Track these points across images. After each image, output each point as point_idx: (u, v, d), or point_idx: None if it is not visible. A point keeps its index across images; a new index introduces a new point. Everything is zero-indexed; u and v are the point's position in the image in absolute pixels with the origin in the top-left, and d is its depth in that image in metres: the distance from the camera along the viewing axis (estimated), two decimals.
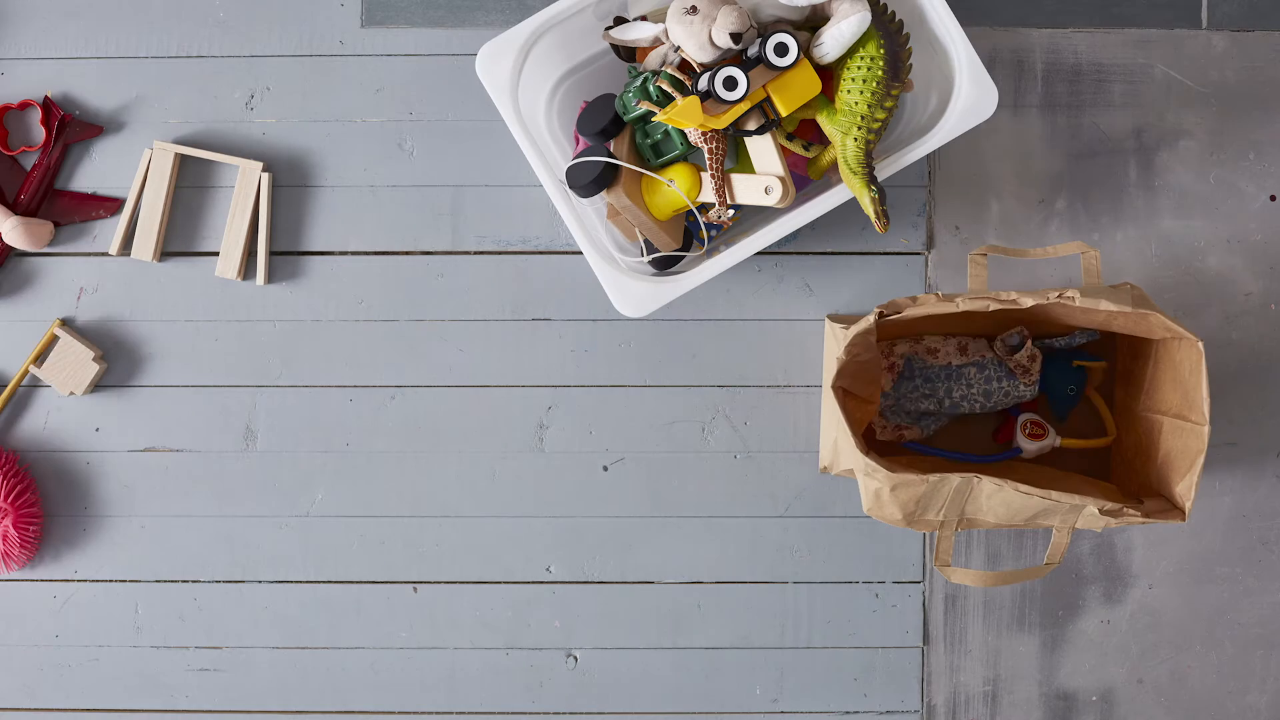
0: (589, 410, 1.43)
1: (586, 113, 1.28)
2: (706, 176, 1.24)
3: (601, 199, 1.28)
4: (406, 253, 1.42)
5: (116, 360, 1.42)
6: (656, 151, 1.27)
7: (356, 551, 1.44)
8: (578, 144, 1.33)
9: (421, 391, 1.42)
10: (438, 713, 1.45)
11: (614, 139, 1.26)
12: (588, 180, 1.21)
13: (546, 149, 1.30)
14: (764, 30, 1.22)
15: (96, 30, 1.41)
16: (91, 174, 1.42)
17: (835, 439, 1.29)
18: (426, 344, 1.43)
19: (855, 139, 1.22)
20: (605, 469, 1.43)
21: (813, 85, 1.21)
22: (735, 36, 1.17)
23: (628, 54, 1.29)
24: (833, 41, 1.20)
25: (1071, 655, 1.45)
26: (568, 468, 1.43)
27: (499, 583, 1.44)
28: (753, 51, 1.19)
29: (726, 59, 1.21)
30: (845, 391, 1.23)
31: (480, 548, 1.44)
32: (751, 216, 1.36)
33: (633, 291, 1.22)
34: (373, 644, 1.45)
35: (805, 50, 1.22)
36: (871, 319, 1.18)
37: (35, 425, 1.43)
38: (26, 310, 1.42)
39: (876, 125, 1.22)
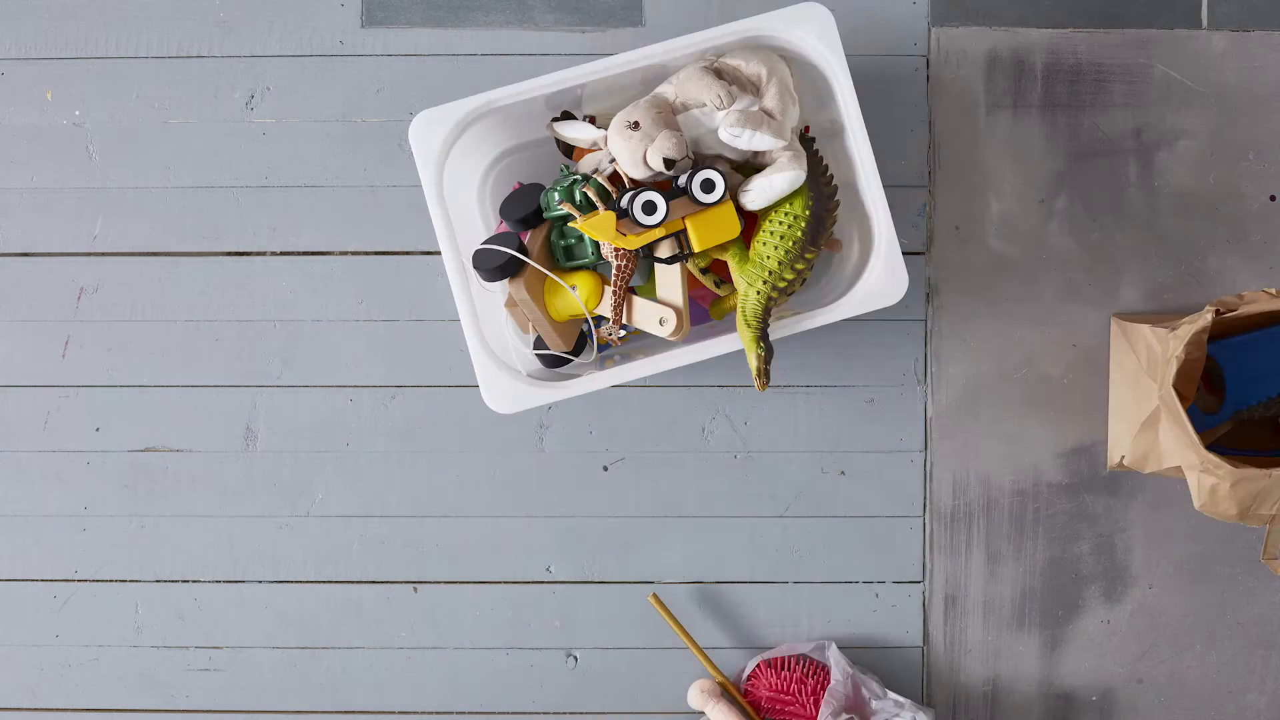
0: (589, 410, 1.43)
1: (513, 197, 1.27)
2: (609, 291, 1.23)
3: (503, 286, 1.27)
4: (406, 253, 1.42)
5: (117, 360, 1.42)
6: (569, 254, 1.25)
7: (356, 551, 1.44)
8: (499, 225, 1.32)
9: (421, 391, 1.42)
10: (438, 713, 1.45)
11: (532, 229, 1.25)
12: (492, 266, 1.20)
13: (471, 218, 1.28)
14: (700, 161, 1.21)
15: (96, 30, 1.41)
16: None
17: (1154, 436, 1.29)
18: (426, 344, 1.42)
19: (758, 292, 1.20)
20: (605, 469, 1.43)
21: (731, 228, 1.19)
22: (669, 162, 1.16)
23: (566, 149, 1.27)
24: (761, 191, 1.19)
25: (1071, 655, 1.45)
26: (568, 468, 1.43)
27: (499, 583, 1.44)
28: (681, 181, 1.18)
29: (656, 181, 1.21)
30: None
31: (480, 548, 1.44)
32: (650, 337, 1.33)
33: (504, 387, 1.20)
34: (373, 644, 1.45)
35: (733, 191, 1.21)
36: (1209, 316, 1.17)
37: (35, 425, 1.43)
38: (26, 310, 1.42)
39: (783, 285, 1.20)
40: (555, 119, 1.25)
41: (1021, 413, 1.42)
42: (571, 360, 1.27)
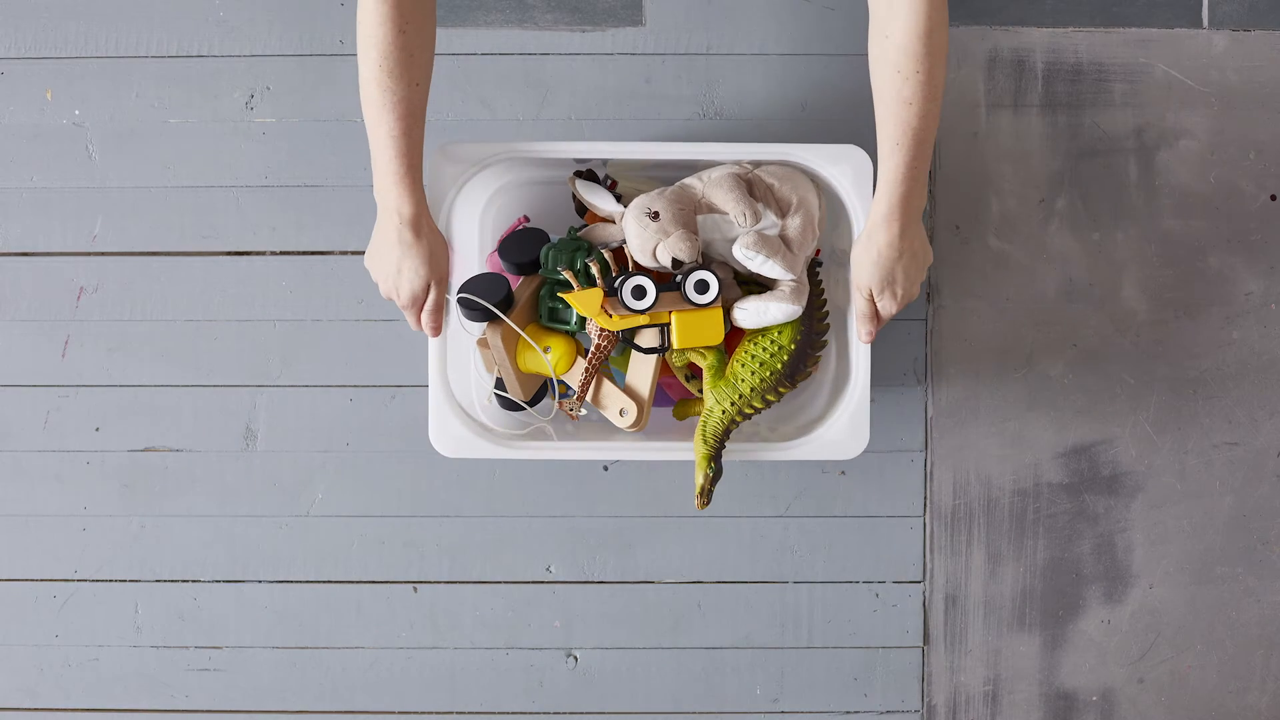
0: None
1: (515, 239, 1.25)
2: (581, 364, 1.23)
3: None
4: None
5: (117, 360, 1.42)
6: (553, 315, 1.24)
7: (356, 551, 1.44)
8: (492, 253, 1.31)
9: (421, 391, 1.42)
10: (438, 713, 1.45)
11: (525, 277, 1.24)
12: (476, 308, 1.19)
13: (468, 240, 1.28)
14: (705, 262, 1.21)
15: (96, 30, 1.41)
16: None
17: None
18: (426, 344, 1.42)
19: (724, 412, 1.20)
20: (605, 469, 1.43)
21: (716, 334, 1.19)
22: (676, 263, 1.16)
23: (580, 207, 1.26)
24: (755, 313, 1.19)
25: (1071, 655, 1.45)
26: (568, 468, 1.43)
27: (499, 583, 1.44)
28: (678, 276, 1.18)
29: (656, 270, 1.20)
30: None
31: (480, 548, 1.44)
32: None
33: (452, 431, 1.21)
34: (373, 644, 1.45)
35: (728, 302, 1.21)
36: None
37: (35, 425, 1.43)
38: (26, 310, 1.42)
39: (750, 411, 1.21)
40: (578, 173, 1.24)
41: (1021, 413, 1.42)
42: (526, 409, 1.27)
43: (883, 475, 1.43)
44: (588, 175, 1.25)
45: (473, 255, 1.30)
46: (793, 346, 1.20)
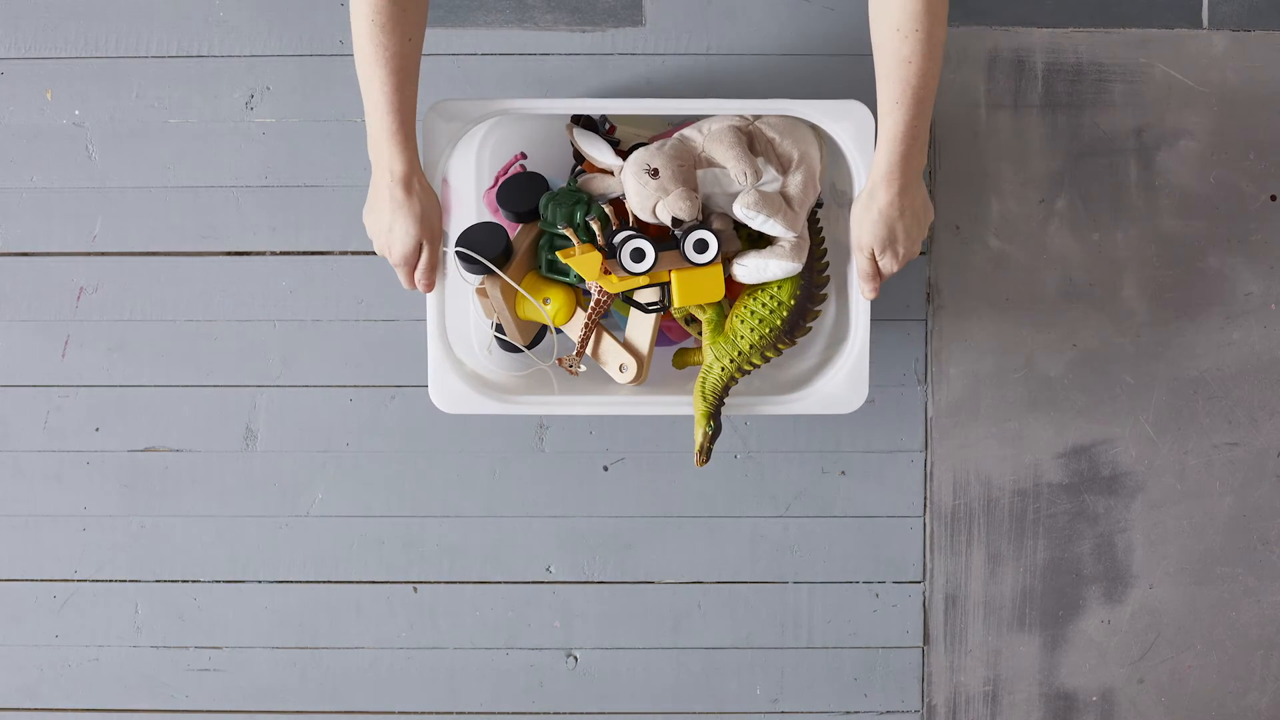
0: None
1: (513, 186, 1.24)
2: (581, 316, 1.23)
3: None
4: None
5: (117, 360, 1.42)
6: (552, 266, 1.24)
7: (356, 551, 1.44)
8: (491, 189, 1.30)
9: (421, 391, 1.42)
10: (438, 713, 1.45)
11: (524, 225, 1.24)
12: (474, 261, 1.19)
13: (464, 177, 1.27)
14: (705, 219, 1.19)
15: (96, 30, 1.41)
16: None
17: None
18: (426, 344, 1.42)
19: (723, 369, 1.20)
20: (605, 469, 1.43)
21: (716, 290, 1.19)
22: (676, 221, 1.16)
23: (578, 155, 1.26)
24: (754, 269, 1.19)
25: (1071, 655, 1.45)
26: (568, 468, 1.43)
27: (499, 583, 1.44)
28: (677, 233, 1.18)
29: (655, 226, 1.20)
30: None
31: (480, 548, 1.44)
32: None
33: (452, 387, 1.21)
34: (373, 644, 1.45)
35: (727, 255, 1.20)
36: None
37: (35, 425, 1.43)
38: (26, 310, 1.42)
39: (749, 368, 1.20)
40: (576, 120, 1.24)
41: (1021, 413, 1.42)
42: (524, 352, 1.27)
43: (883, 475, 1.43)
44: (586, 123, 1.24)
45: (470, 193, 1.29)
46: (792, 302, 1.20)
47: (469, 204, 1.31)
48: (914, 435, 1.43)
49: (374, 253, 1.42)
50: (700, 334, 1.24)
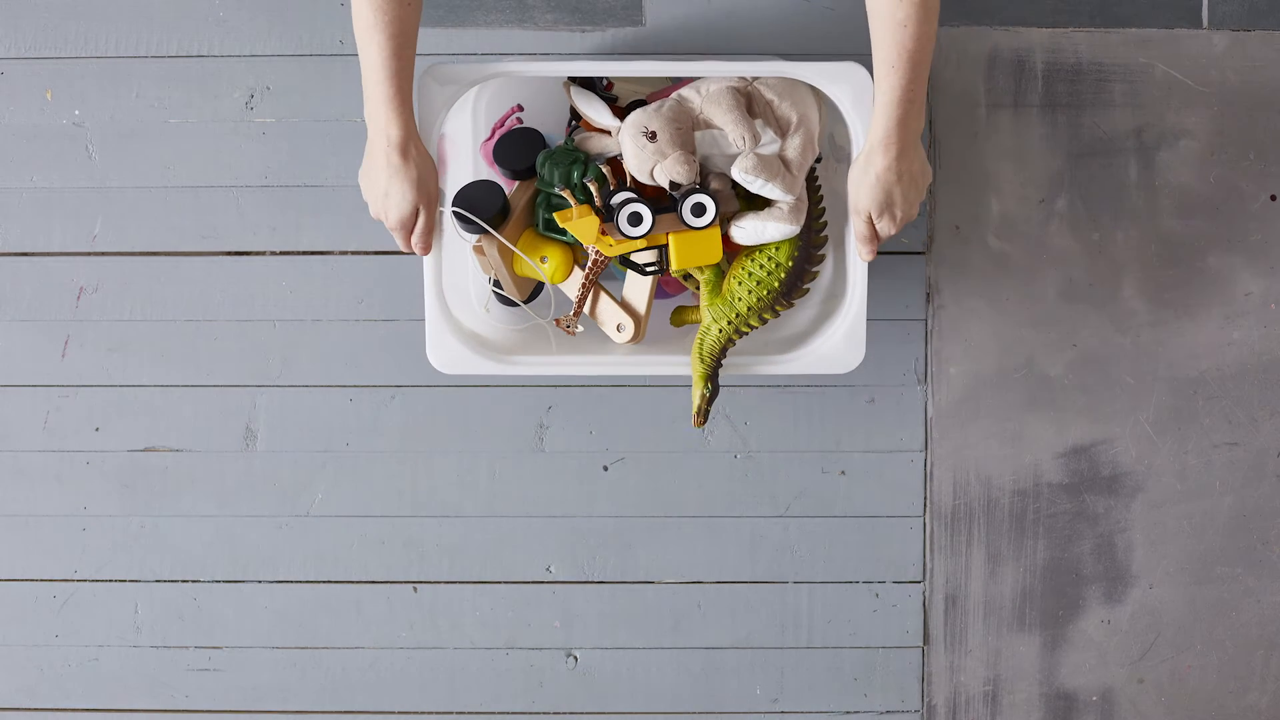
0: (589, 410, 1.43)
1: (510, 142, 1.24)
2: (579, 274, 1.23)
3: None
4: (406, 252, 1.42)
5: (117, 360, 1.42)
6: (548, 224, 1.23)
7: (356, 551, 1.44)
8: (488, 140, 1.29)
9: (421, 391, 1.42)
10: (438, 713, 1.45)
11: (521, 182, 1.24)
12: (470, 222, 1.19)
13: (461, 129, 1.26)
14: (703, 180, 1.19)
15: (96, 30, 1.41)
16: None
17: None
18: (425, 344, 1.42)
19: (720, 330, 1.20)
20: (605, 469, 1.43)
21: (713, 253, 1.19)
22: (674, 185, 1.16)
23: (576, 113, 1.25)
24: (752, 231, 1.19)
25: (1071, 655, 1.45)
26: (568, 468, 1.43)
27: (499, 583, 1.44)
28: (675, 195, 1.17)
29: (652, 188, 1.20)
30: None
31: (480, 548, 1.44)
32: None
33: (450, 348, 1.20)
34: (373, 644, 1.45)
35: (725, 216, 1.20)
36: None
37: (35, 425, 1.43)
38: (26, 310, 1.42)
39: (746, 330, 1.20)
40: (573, 79, 1.23)
41: (1021, 413, 1.42)
42: (522, 306, 1.27)
43: (883, 475, 1.43)
44: (583, 82, 1.24)
45: (466, 144, 1.29)
46: (790, 264, 1.20)
47: (466, 155, 1.30)
48: (914, 435, 1.43)
49: (374, 252, 1.42)
50: (697, 289, 1.25)
